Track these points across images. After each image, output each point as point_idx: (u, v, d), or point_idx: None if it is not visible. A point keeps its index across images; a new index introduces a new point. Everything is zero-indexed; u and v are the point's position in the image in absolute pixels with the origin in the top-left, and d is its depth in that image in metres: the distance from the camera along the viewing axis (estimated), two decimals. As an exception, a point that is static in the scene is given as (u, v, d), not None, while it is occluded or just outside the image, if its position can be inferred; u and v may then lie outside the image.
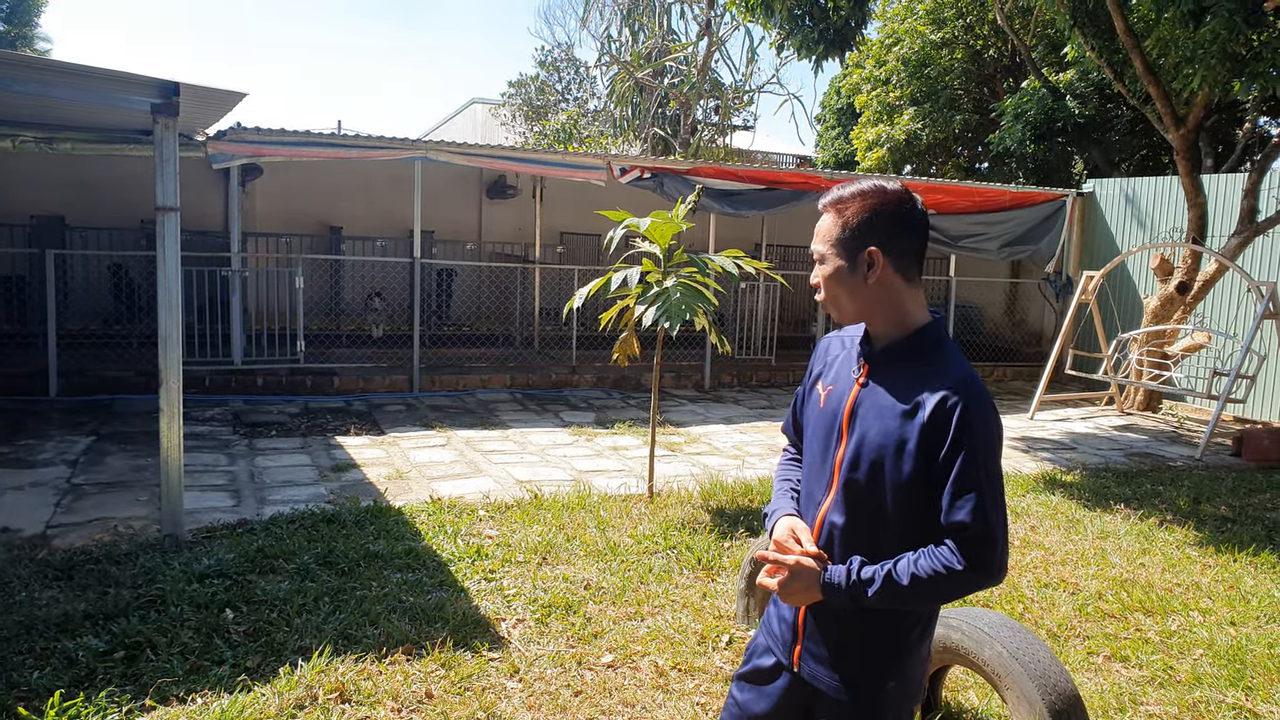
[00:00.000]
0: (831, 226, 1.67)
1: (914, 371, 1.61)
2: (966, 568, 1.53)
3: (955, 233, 10.85)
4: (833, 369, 1.76)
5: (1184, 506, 5.91)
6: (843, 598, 1.60)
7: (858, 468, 1.63)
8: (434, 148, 8.80)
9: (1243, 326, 9.20)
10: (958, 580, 1.54)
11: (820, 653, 1.70)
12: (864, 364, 1.68)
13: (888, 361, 1.66)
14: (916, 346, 1.64)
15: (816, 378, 1.79)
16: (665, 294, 5.00)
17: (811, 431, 1.75)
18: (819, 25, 8.21)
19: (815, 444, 1.73)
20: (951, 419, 1.53)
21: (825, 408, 1.72)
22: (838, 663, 1.69)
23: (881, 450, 1.60)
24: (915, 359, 1.63)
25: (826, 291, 1.69)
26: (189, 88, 4.21)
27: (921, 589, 1.55)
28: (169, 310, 4.35)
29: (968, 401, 1.54)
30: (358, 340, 10.50)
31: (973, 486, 1.53)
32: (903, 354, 1.64)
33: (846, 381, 1.70)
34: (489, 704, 3.04)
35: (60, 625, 3.37)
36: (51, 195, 10.27)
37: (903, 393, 1.60)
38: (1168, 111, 8.71)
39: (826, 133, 19.94)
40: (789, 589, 1.64)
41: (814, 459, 1.73)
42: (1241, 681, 3.46)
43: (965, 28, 14.82)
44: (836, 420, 1.68)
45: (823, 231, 1.68)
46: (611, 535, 4.76)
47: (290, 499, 5.23)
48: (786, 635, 1.75)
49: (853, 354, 1.73)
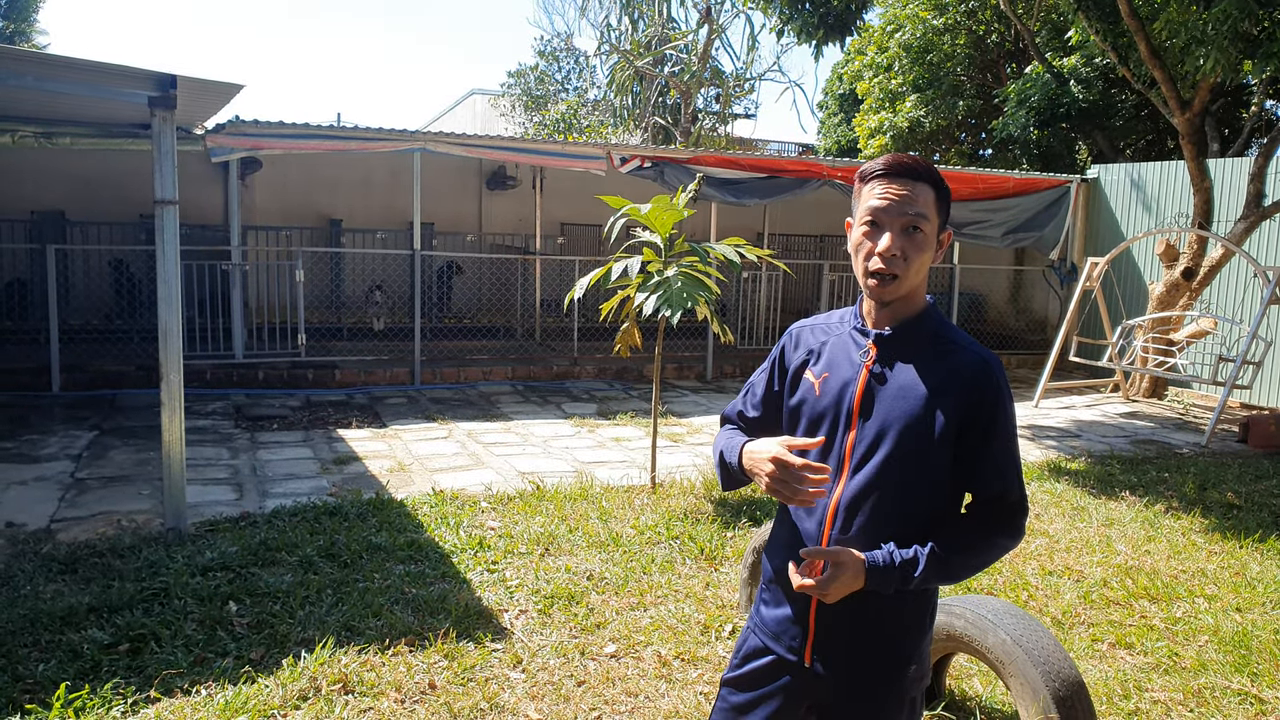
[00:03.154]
0: (935, 200, 1.61)
1: (933, 350, 1.62)
2: (1006, 534, 1.61)
3: (958, 220, 10.78)
4: (824, 356, 1.71)
5: (1190, 493, 5.89)
6: (892, 581, 1.56)
7: (878, 448, 1.59)
8: (433, 139, 8.77)
9: (1249, 312, 9.15)
10: (996, 548, 1.61)
11: (839, 646, 1.65)
12: (874, 346, 1.65)
13: (901, 342, 1.64)
14: (927, 327, 1.65)
15: (800, 366, 1.74)
16: (666, 283, 4.97)
17: (806, 422, 1.70)
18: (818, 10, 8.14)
19: (815, 432, 1.69)
20: (986, 395, 1.58)
21: (823, 396, 1.67)
22: (859, 653, 1.65)
23: (908, 429, 1.58)
24: (928, 339, 1.64)
25: (912, 264, 1.59)
26: (186, 80, 4.19)
27: (965, 561, 1.60)
28: (169, 304, 4.34)
29: (998, 379, 1.59)
30: (359, 333, 10.50)
31: (1009, 458, 1.61)
32: (916, 334, 1.64)
33: (850, 367, 1.66)
34: (492, 694, 3.04)
35: (65, 618, 3.37)
36: (52, 190, 10.26)
37: (928, 372, 1.60)
38: (1173, 95, 8.64)
39: (829, 120, 19.83)
40: (836, 581, 1.55)
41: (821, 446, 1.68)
42: (1247, 667, 3.45)
43: (967, 13, 14.70)
44: (843, 407, 1.65)
45: (927, 201, 1.60)
46: (614, 526, 4.76)
47: (292, 492, 5.24)
48: (795, 633, 1.68)
49: (848, 340, 1.69)
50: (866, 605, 1.62)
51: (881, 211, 1.59)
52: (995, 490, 1.59)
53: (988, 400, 1.58)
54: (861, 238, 1.63)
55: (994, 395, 1.58)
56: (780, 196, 10.04)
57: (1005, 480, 1.60)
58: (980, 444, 1.58)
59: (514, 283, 11.49)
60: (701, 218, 11.37)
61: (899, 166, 1.60)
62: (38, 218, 9.94)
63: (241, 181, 9.42)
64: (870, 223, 1.61)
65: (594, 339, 10.32)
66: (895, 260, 1.58)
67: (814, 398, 1.69)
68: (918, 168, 1.60)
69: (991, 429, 1.58)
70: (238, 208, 8.83)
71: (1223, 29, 6.90)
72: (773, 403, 1.80)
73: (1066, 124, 12.96)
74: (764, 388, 1.82)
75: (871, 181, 1.62)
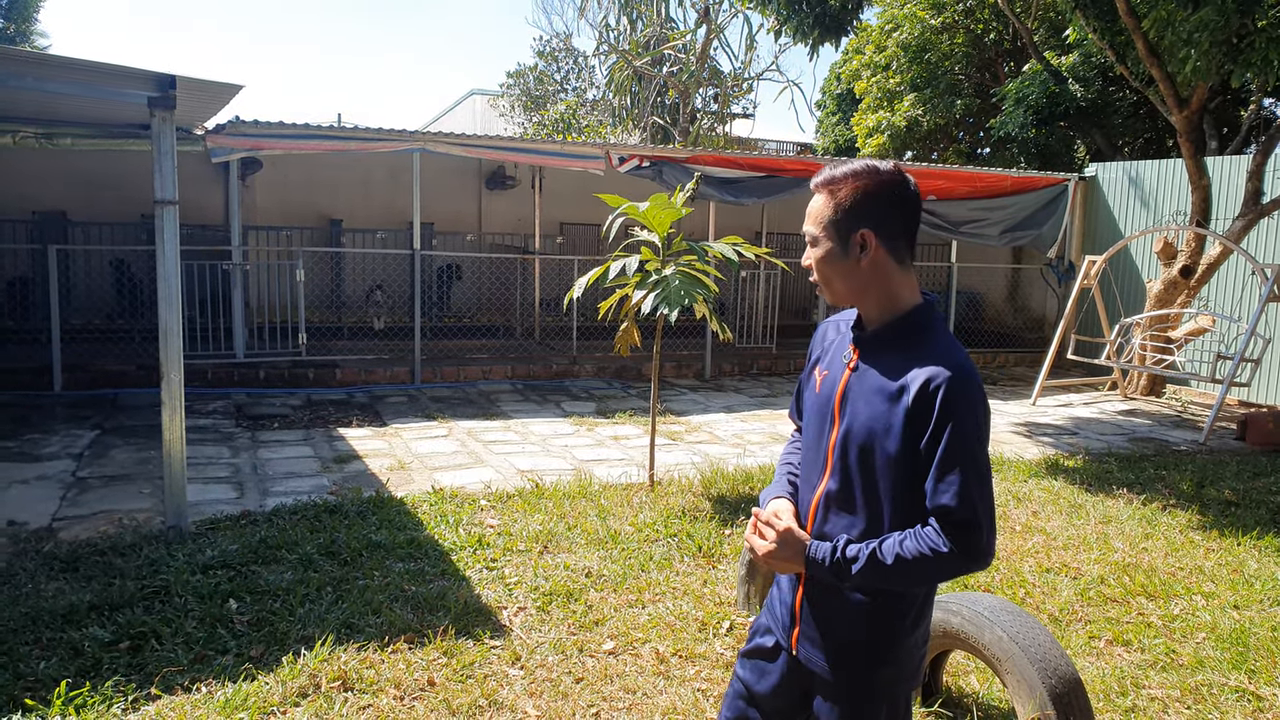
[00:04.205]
0: (824, 208, 1.65)
1: (902, 354, 1.61)
2: (951, 551, 1.52)
3: (956, 218, 10.80)
4: (829, 354, 1.77)
5: (1187, 490, 5.90)
6: (826, 573, 1.62)
7: (849, 451, 1.65)
8: (433, 139, 8.78)
9: (1247, 310, 9.16)
10: (942, 563, 1.54)
11: (816, 637, 1.72)
12: (854, 348, 1.69)
13: (877, 344, 1.66)
14: (906, 329, 1.64)
15: (815, 363, 1.81)
16: (664, 281, 4.98)
17: (808, 417, 1.77)
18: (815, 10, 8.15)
19: (811, 428, 1.76)
20: (935, 402, 1.52)
21: (820, 393, 1.73)
22: (832, 648, 1.71)
23: (870, 433, 1.60)
24: (904, 341, 1.62)
25: (819, 274, 1.69)
26: (185, 80, 4.20)
27: (905, 569, 1.55)
28: (169, 304, 4.35)
29: (952, 384, 1.52)
30: (359, 332, 10.51)
31: (956, 470, 1.52)
32: (892, 337, 1.64)
33: (839, 366, 1.72)
34: (490, 691, 3.06)
35: (66, 616, 3.39)
36: (53, 191, 10.27)
37: (890, 375, 1.60)
38: (1170, 93, 8.64)
39: (827, 119, 19.83)
40: (776, 555, 1.68)
41: (810, 443, 1.76)
42: (1244, 664, 3.46)
43: (965, 12, 14.71)
44: (829, 404, 1.70)
45: (815, 213, 1.66)
46: (612, 524, 4.77)
47: (293, 490, 5.25)
48: (785, 618, 1.78)
49: (845, 338, 1.74)
50: (846, 602, 1.67)
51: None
52: (941, 502, 1.53)
53: (940, 410, 1.52)
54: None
55: (946, 407, 1.51)
56: (778, 196, 10.05)
57: (951, 494, 1.52)
58: (927, 454, 1.54)
59: (513, 282, 11.50)
60: (700, 217, 11.38)
61: (815, 182, 1.69)
62: (39, 218, 9.95)
63: (242, 182, 9.42)
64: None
65: (593, 338, 10.33)
66: (811, 272, 1.70)
67: (813, 395, 1.76)
68: (821, 181, 1.67)
69: (940, 439, 1.52)
70: (238, 208, 8.85)
71: (1205, 34, 6.91)
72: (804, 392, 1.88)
73: (1064, 122, 12.96)
74: (802, 381, 1.88)
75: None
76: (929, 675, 3.05)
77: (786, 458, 1.90)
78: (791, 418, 1.96)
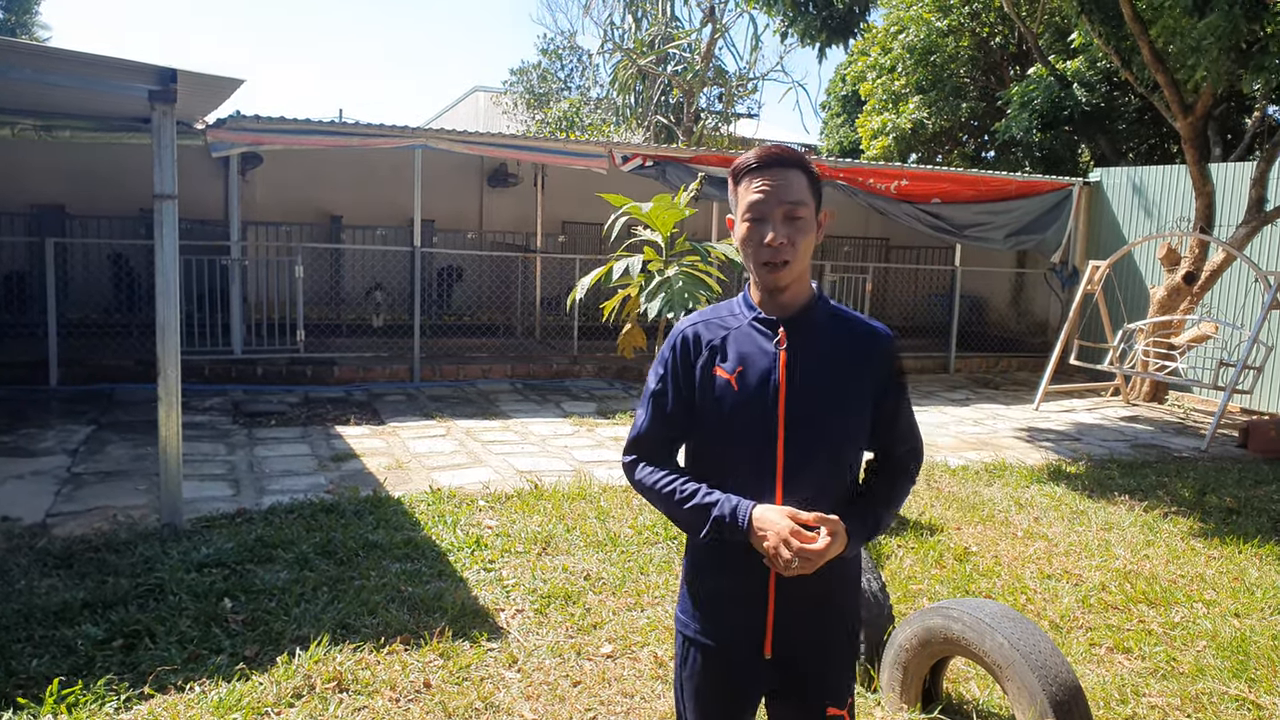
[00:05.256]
0: (808, 184, 1.69)
1: (835, 328, 1.74)
2: (914, 480, 1.85)
3: (961, 222, 10.77)
4: (729, 352, 1.71)
5: (1189, 498, 5.87)
6: (859, 542, 1.71)
7: (809, 429, 1.68)
8: (434, 136, 8.75)
9: (1250, 317, 9.14)
10: (908, 492, 1.85)
11: (797, 626, 1.73)
12: (783, 333, 1.70)
13: (806, 323, 1.72)
14: (824, 308, 1.76)
15: (707, 364, 1.71)
16: (668, 283, 4.96)
17: (731, 418, 1.69)
18: (822, 12, 8.13)
19: (739, 424, 1.68)
20: (892, 362, 1.76)
21: (743, 389, 1.68)
22: (816, 630, 1.75)
23: (834, 404, 1.70)
24: (829, 318, 1.75)
25: (798, 248, 1.66)
26: (186, 74, 4.18)
27: (895, 509, 1.81)
28: (167, 299, 4.33)
29: (895, 344, 1.78)
30: (358, 330, 10.49)
31: (913, 414, 1.83)
32: (818, 313, 1.74)
33: (764, 354, 1.69)
34: (487, 694, 3.03)
35: (59, 613, 3.36)
36: (52, 184, 10.24)
37: (839, 347, 1.73)
38: (1175, 99, 8.62)
39: (831, 120, 19.80)
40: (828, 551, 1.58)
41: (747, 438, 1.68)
42: (1245, 673, 3.44)
43: (971, 14, 14.68)
44: (768, 395, 1.67)
45: (801, 187, 1.67)
46: (612, 526, 4.74)
47: (289, 489, 5.22)
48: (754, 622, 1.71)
49: (751, 332, 1.72)
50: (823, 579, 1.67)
51: (762, 204, 1.66)
52: (911, 443, 1.81)
53: (894, 365, 1.76)
54: (747, 232, 1.69)
55: (898, 360, 1.77)
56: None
57: (917, 432, 1.82)
58: (894, 405, 1.76)
59: (514, 281, 11.48)
60: (703, 217, 11.35)
61: (770, 158, 1.67)
62: (37, 211, 9.92)
63: (242, 177, 9.40)
64: (753, 217, 1.67)
65: (594, 338, 10.30)
66: (784, 248, 1.66)
67: (733, 393, 1.69)
68: (787, 157, 1.68)
69: (900, 390, 1.77)
70: (238, 203, 8.82)
71: (1213, 41, 6.88)
72: (683, 408, 1.75)
73: (1069, 127, 12.94)
74: (673, 397, 1.75)
75: (746, 177, 1.69)
76: (929, 681, 3.02)
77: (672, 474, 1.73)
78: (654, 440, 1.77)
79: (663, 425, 1.77)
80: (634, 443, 1.80)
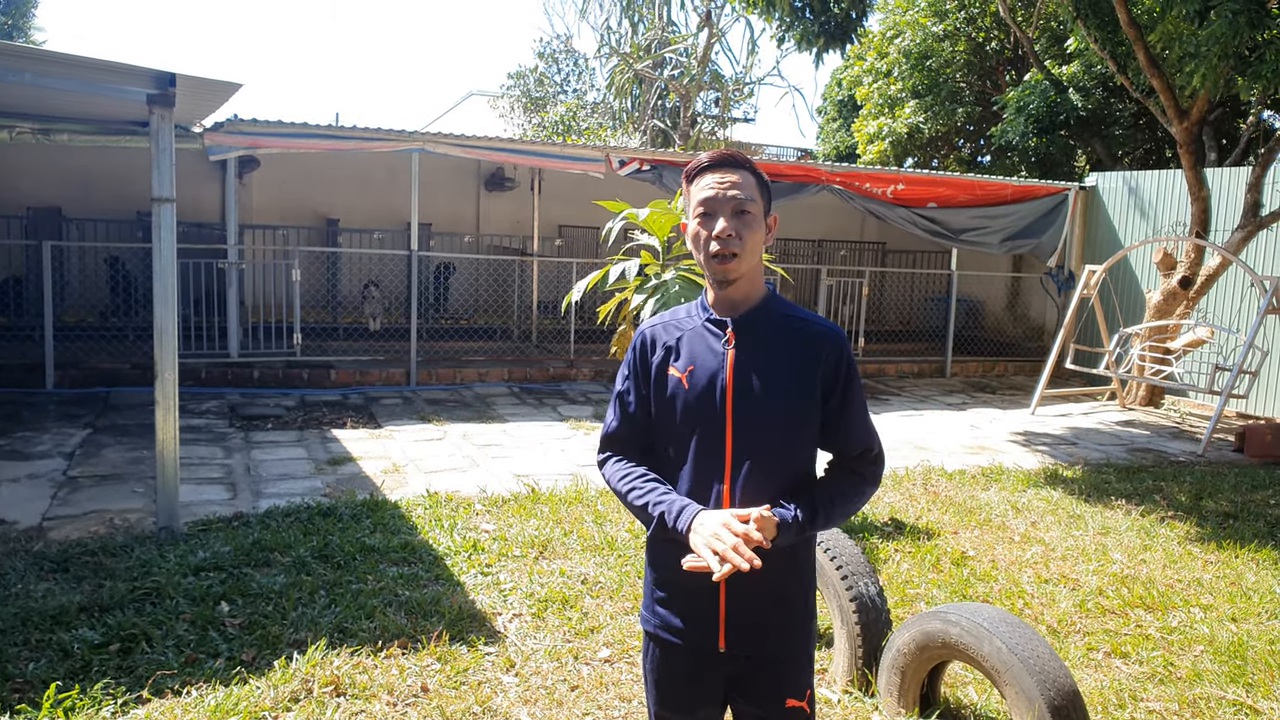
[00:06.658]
0: (757, 184, 1.74)
1: (786, 328, 1.74)
2: (872, 483, 1.80)
3: (957, 226, 10.80)
4: (682, 352, 1.76)
5: (1185, 502, 5.89)
6: (792, 534, 1.69)
7: (757, 428, 1.70)
8: (431, 139, 8.76)
9: (1246, 322, 9.17)
10: (865, 496, 1.80)
11: (749, 621, 1.75)
12: (731, 333, 1.73)
13: (756, 323, 1.74)
14: (775, 308, 1.77)
15: (662, 364, 1.77)
16: (664, 286, 4.96)
17: (682, 416, 1.74)
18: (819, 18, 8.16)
19: (690, 423, 1.73)
20: (842, 363, 1.75)
21: (692, 388, 1.73)
22: (769, 621, 1.76)
23: (782, 403, 1.71)
24: (780, 318, 1.76)
25: (747, 242, 1.70)
26: (185, 78, 4.18)
27: (843, 509, 1.77)
28: (164, 302, 4.32)
29: (846, 344, 1.77)
30: (355, 333, 10.47)
31: (866, 417, 1.79)
32: (768, 315, 1.75)
33: (714, 356, 1.73)
34: (485, 698, 3.02)
35: (56, 617, 3.35)
36: (49, 187, 10.22)
37: (787, 347, 1.73)
38: (1171, 104, 8.66)
39: (828, 125, 19.86)
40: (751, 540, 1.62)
41: (701, 436, 1.72)
42: (1242, 678, 3.44)
43: (967, 19, 14.74)
44: (716, 394, 1.71)
45: (750, 186, 1.72)
46: (609, 529, 4.74)
47: (286, 492, 5.21)
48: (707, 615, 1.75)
49: (703, 332, 1.76)
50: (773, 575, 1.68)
51: (712, 200, 1.71)
52: (864, 445, 1.77)
53: (844, 366, 1.74)
54: (698, 228, 1.73)
55: (849, 361, 1.76)
56: (778, 200, 10.05)
57: (871, 435, 1.79)
58: (843, 405, 1.75)
59: (511, 284, 11.48)
60: (700, 221, 11.32)
61: (721, 159, 1.74)
62: (34, 214, 9.90)
63: (239, 180, 9.40)
64: (703, 213, 1.72)
65: (591, 341, 10.30)
66: (732, 240, 1.69)
67: (684, 391, 1.74)
68: (738, 158, 1.74)
69: (850, 390, 1.75)
70: (235, 206, 8.82)
71: (1214, 47, 6.91)
72: (644, 406, 1.83)
73: (1065, 131, 12.99)
74: (635, 396, 1.83)
75: (699, 177, 1.75)
76: (927, 685, 3.02)
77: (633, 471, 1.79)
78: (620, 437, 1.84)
79: (628, 424, 1.84)
80: (605, 441, 1.89)
